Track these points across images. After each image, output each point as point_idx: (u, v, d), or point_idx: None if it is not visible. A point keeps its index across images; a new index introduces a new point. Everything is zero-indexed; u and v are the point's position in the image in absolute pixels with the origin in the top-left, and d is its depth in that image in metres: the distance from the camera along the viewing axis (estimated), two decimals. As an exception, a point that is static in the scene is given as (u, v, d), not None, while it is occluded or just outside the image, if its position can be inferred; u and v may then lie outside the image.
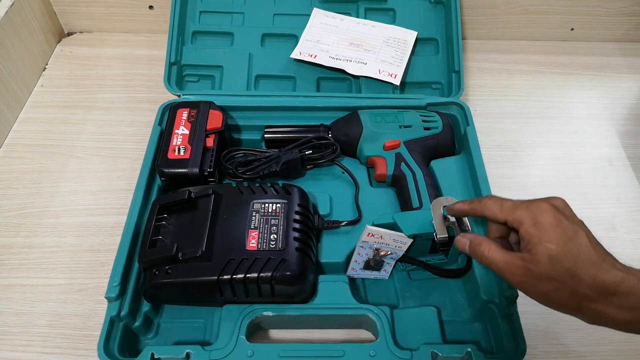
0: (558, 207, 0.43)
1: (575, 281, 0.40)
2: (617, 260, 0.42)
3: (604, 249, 0.42)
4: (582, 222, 0.43)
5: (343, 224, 0.58)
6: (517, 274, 0.43)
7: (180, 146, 0.61)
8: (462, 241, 0.47)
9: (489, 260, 0.44)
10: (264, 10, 0.79)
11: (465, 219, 0.52)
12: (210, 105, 0.66)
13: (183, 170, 0.60)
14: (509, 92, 0.83)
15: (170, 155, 0.61)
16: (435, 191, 0.61)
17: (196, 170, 0.59)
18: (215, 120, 0.64)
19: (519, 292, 0.51)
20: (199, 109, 0.65)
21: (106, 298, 0.51)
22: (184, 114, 0.65)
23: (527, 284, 0.42)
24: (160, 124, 0.66)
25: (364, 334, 0.55)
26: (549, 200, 0.44)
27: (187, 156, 0.60)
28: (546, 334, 0.56)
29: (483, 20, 0.88)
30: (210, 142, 0.62)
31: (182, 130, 0.63)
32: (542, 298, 0.43)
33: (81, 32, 0.91)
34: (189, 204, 0.55)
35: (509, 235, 0.48)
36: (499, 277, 0.52)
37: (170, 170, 0.60)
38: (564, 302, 0.42)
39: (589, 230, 0.43)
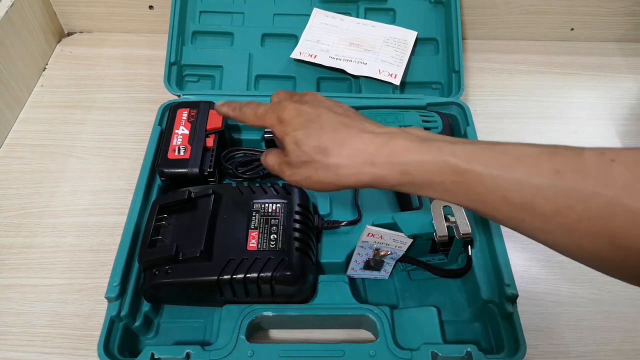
0: (303, 100, 0.45)
1: (326, 155, 0.41)
2: (376, 123, 0.43)
3: (356, 117, 0.44)
4: (334, 103, 0.45)
5: (343, 224, 0.58)
6: (284, 170, 0.45)
7: (180, 146, 0.61)
8: (262, 159, 0.49)
9: (270, 167, 0.47)
10: (264, 10, 0.79)
11: (464, 217, 0.52)
12: (210, 105, 0.66)
13: (183, 170, 0.60)
14: (509, 92, 0.83)
15: (170, 155, 0.61)
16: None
17: (196, 170, 0.59)
18: (215, 120, 0.64)
19: (519, 292, 0.51)
20: (199, 109, 0.65)
21: (106, 298, 0.51)
22: (184, 114, 0.65)
23: (293, 175, 0.44)
24: (160, 124, 0.66)
25: (364, 334, 0.55)
26: (300, 97, 0.46)
27: (187, 156, 0.60)
28: (546, 333, 0.56)
29: (483, 20, 0.88)
30: (210, 142, 0.62)
31: (182, 130, 0.63)
32: (309, 183, 0.43)
33: (81, 32, 0.91)
34: (189, 204, 0.54)
35: None
36: (498, 277, 0.52)
37: (170, 170, 0.60)
38: (325, 179, 0.42)
39: (342, 107, 0.45)
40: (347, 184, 0.42)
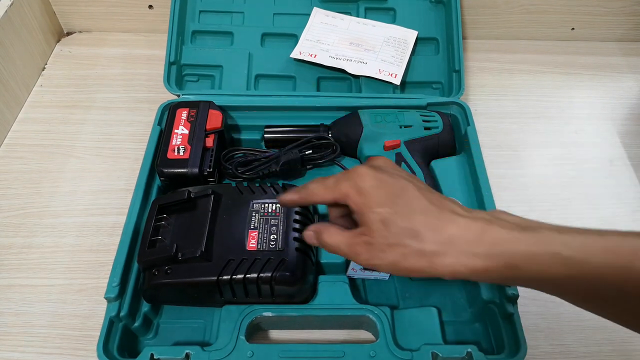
0: (378, 167, 0.40)
1: (418, 240, 0.36)
2: (458, 203, 0.39)
3: (439, 194, 0.39)
4: (408, 174, 0.40)
5: (343, 224, 0.58)
6: (360, 251, 0.39)
7: (180, 146, 0.61)
8: (308, 234, 0.43)
9: (333, 248, 0.41)
10: (264, 10, 0.79)
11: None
12: (209, 105, 0.66)
13: (182, 170, 0.59)
14: (509, 92, 0.83)
15: (169, 155, 0.60)
16: (436, 191, 0.61)
17: (196, 170, 0.59)
18: (214, 120, 0.64)
19: (519, 292, 0.51)
20: (199, 109, 0.65)
21: (105, 298, 0.51)
22: (183, 114, 0.64)
23: (373, 259, 0.38)
24: (159, 123, 0.66)
25: (364, 334, 0.55)
26: (368, 162, 0.41)
27: (186, 156, 0.60)
28: (547, 334, 0.56)
29: (483, 20, 0.88)
30: (209, 142, 0.62)
31: (181, 130, 0.63)
32: (394, 269, 0.38)
33: (80, 32, 0.91)
34: (188, 204, 0.54)
35: (350, 212, 0.42)
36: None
37: (170, 170, 0.60)
38: (416, 266, 0.37)
39: (418, 179, 0.40)
40: (442, 274, 0.37)
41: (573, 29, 0.89)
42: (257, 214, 0.54)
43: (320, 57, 0.74)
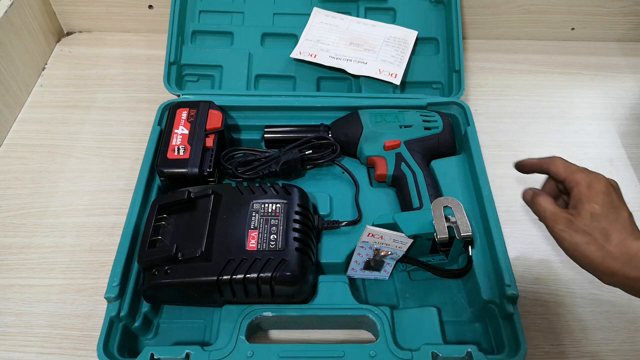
0: (612, 184, 0.49)
1: (606, 239, 0.45)
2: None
3: (638, 228, 0.47)
4: (626, 206, 0.48)
5: (343, 224, 0.58)
6: (559, 222, 0.48)
7: (180, 146, 0.61)
8: (527, 192, 0.52)
9: (540, 211, 0.50)
10: (263, 10, 0.79)
11: (464, 218, 0.52)
12: (210, 105, 0.66)
13: (182, 170, 0.59)
14: (509, 92, 0.83)
15: (169, 155, 0.60)
16: (436, 191, 0.61)
17: (196, 170, 0.59)
18: (215, 120, 0.64)
19: (520, 293, 0.51)
20: (199, 109, 0.65)
21: (105, 298, 0.51)
22: (183, 114, 0.64)
23: (564, 232, 0.47)
24: (159, 123, 0.66)
25: (364, 334, 0.55)
26: (607, 177, 0.50)
27: (186, 156, 0.60)
28: (547, 334, 0.56)
29: (483, 20, 0.88)
30: (209, 142, 0.62)
31: (181, 130, 0.63)
32: (572, 249, 0.47)
33: (80, 32, 0.91)
34: (188, 204, 0.54)
35: (558, 198, 0.53)
36: (499, 277, 0.52)
37: (170, 170, 0.60)
38: (590, 255, 0.46)
39: (631, 213, 0.48)
40: (605, 272, 0.45)
41: (573, 29, 0.89)
42: (257, 214, 0.54)
43: (320, 57, 0.74)
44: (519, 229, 0.65)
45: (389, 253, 0.54)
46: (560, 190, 0.53)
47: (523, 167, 0.56)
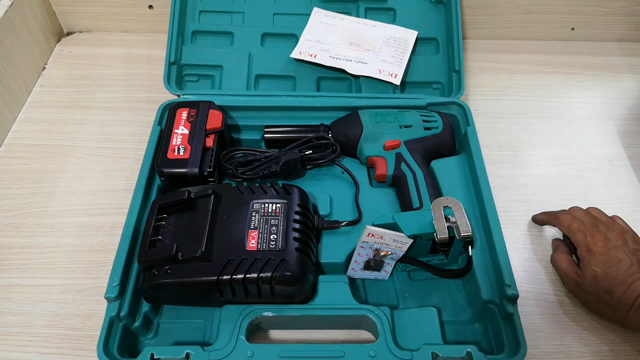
0: (610, 239, 0.54)
1: (610, 296, 0.52)
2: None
3: (636, 259, 0.53)
4: (626, 251, 0.53)
5: (343, 224, 0.58)
6: (570, 283, 0.56)
7: (180, 146, 0.61)
8: (553, 243, 0.62)
9: (556, 266, 0.59)
10: (264, 10, 0.79)
11: (464, 218, 0.52)
12: (210, 105, 0.66)
13: (182, 170, 0.59)
14: (509, 92, 0.83)
15: (169, 155, 0.60)
16: (436, 191, 0.61)
17: (196, 170, 0.59)
18: (215, 120, 0.64)
19: (520, 293, 0.51)
20: (199, 109, 0.65)
21: (105, 298, 0.51)
22: (183, 114, 0.64)
23: (576, 293, 0.56)
24: (159, 123, 0.66)
25: (364, 334, 0.55)
26: (607, 229, 0.56)
27: (186, 156, 0.60)
28: (547, 334, 0.56)
29: (483, 20, 0.88)
30: (210, 142, 0.62)
31: (181, 130, 0.63)
32: (587, 306, 0.56)
33: (81, 32, 0.91)
34: (188, 204, 0.54)
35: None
36: (499, 277, 0.52)
37: (170, 170, 0.60)
38: (603, 312, 0.54)
39: (633, 250, 0.53)
40: (617, 320, 0.54)
41: (573, 29, 0.89)
42: (257, 214, 0.54)
43: (320, 57, 0.74)
44: (519, 229, 0.65)
45: (389, 253, 0.54)
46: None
47: (537, 222, 0.64)
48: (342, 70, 0.74)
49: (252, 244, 0.51)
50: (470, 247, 0.56)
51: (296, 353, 0.49)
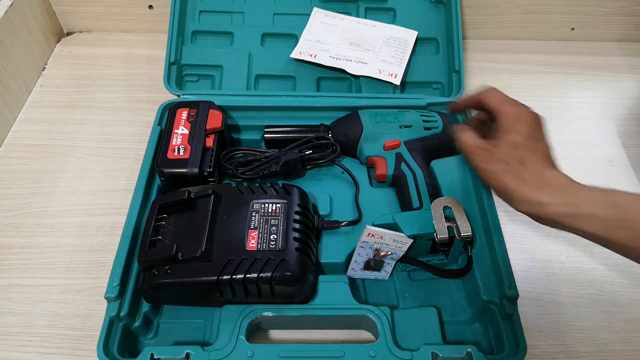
0: (539, 119, 0.51)
1: (522, 167, 0.47)
2: (563, 172, 0.49)
3: (555, 162, 0.50)
4: (548, 141, 0.51)
5: (343, 224, 0.58)
6: (479, 154, 0.50)
7: (180, 146, 0.61)
8: (452, 128, 0.56)
9: (463, 142, 0.52)
10: (264, 10, 0.79)
11: (464, 218, 0.52)
12: (210, 105, 0.66)
13: (182, 170, 0.59)
14: (509, 92, 0.81)
15: (169, 155, 0.60)
16: (436, 191, 0.61)
17: (196, 170, 0.59)
18: (215, 120, 0.64)
19: (520, 292, 0.51)
20: (199, 109, 0.65)
21: (105, 298, 0.51)
22: (183, 114, 0.64)
23: (483, 162, 0.50)
24: (159, 123, 0.66)
25: (364, 334, 0.55)
26: (535, 112, 0.52)
27: (186, 156, 0.60)
28: (547, 334, 0.56)
29: (483, 20, 0.88)
30: (210, 142, 0.62)
31: (181, 130, 0.63)
32: (489, 177, 0.49)
33: (81, 32, 0.91)
34: (188, 204, 0.54)
35: (487, 132, 0.54)
36: (499, 277, 0.52)
37: (170, 170, 0.60)
38: (506, 182, 0.48)
39: (552, 147, 0.51)
40: (519, 199, 0.47)
41: (573, 29, 0.89)
42: (257, 214, 0.54)
43: (320, 57, 0.74)
44: (519, 229, 0.65)
45: (389, 253, 0.54)
46: (492, 121, 0.54)
47: (457, 107, 0.58)
48: (342, 70, 0.74)
49: (252, 244, 0.51)
50: (470, 247, 0.56)
51: (296, 353, 0.49)
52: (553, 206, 0.45)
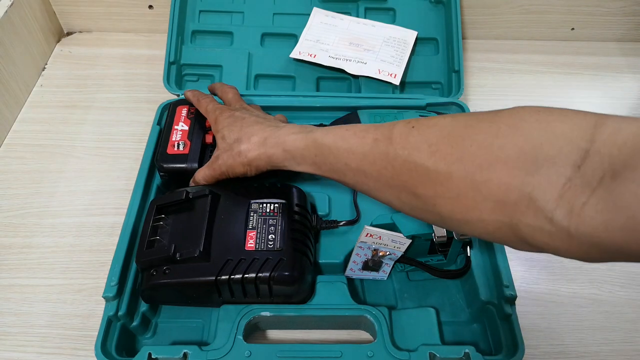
0: (237, 108, 0.57)
1: (238, 143, 0.52)
2: (287, 125, 0.53)
3: (274, 120, 0.56)
4: (262, 113, 0.58)
5: (341, 224, 0.58)
6: (214, 166, 0.55)
7: (180, 142, 0.61)
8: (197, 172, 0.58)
9: (200, 179, 0.57)
10: (263, 10, 0.79)
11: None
12: (209, 105, 0.66)
13: (182, 165, 0.59)
14: (509, 92, 0.82)
15: (169, 151, 0.60)
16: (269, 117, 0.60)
17: (195, 165, 0.59)
18: (214, 119, 0.64)
19: (519, 293, 0.51)
20: (198, 108, 0.65)
21: (104, 297, 0.51)
22: (183, 111, 0.64)
23: (219, 165, 0.54)
24: (159, 123, 0.66)
25: (362, 334, 0.55)
26: (232, 106, 0.58)
27: (186, 151, 0.60)
28: (546, 334, 0.56)
29: (483, 20, 0.88)
30: (209, 138, 0.62)
31: (181, 126, 0.63)
32: (229, 168, 0.54)
33: (81, 32, 0.91)
34: (186, 204, 0.54)
35: None
36: (497, 278, 0.52)
37: (169, 165, 0.60)
38: (237, 162, 0.53)
39: (266, 116, 0.57)
40: (251, 163, 0.52)
41: (573, 29, 0.89)
42: (255, 214, 0.54)
43: (319, 57, 0.74)
44: (518, 229, 0.65)
45: (388, 253, 0.54)
46: None
47: (187, 98, 0.64)
48: (342, 70, 0.74)
49: (250, 243, 0.51)
50: (468, 247, 0.56)
51: (294, 353, 0.49)
52: (275, 155, 0.50)
